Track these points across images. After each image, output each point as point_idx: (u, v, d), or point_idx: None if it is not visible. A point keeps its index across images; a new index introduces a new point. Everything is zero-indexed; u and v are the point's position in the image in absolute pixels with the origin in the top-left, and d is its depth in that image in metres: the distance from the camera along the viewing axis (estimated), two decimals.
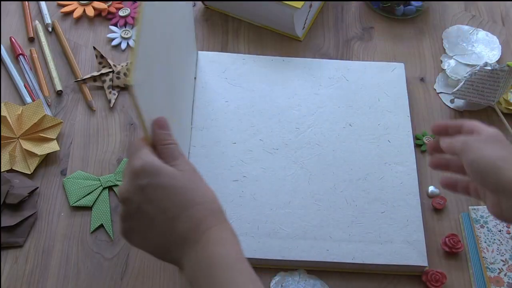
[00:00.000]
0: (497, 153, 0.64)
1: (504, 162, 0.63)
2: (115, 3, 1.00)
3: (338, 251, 0.76)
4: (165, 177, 0.56)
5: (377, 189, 0.81)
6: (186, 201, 0.56)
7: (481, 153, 0.65)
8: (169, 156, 0.59)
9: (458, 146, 0.67)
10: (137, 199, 0.56)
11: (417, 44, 1.00)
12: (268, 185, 0.81)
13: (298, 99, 0.89)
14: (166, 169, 0.57)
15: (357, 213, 0.79)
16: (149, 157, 0.57)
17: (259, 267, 0.76)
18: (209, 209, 0.57)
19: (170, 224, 0.56)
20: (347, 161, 0.84)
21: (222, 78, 0.90)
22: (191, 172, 0.59)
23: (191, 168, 0.59)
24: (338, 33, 1.00)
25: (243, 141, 0.84)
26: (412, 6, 1.02)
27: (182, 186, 0.57)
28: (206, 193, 0.58)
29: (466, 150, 0.66)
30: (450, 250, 0.78)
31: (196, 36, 0.95)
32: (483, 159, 0.64)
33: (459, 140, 0.67)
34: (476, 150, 0.65)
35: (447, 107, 0.92)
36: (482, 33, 1.01)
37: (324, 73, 0.92)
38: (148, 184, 0.56)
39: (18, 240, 0.76)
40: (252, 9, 0.97)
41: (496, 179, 0.63)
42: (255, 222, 0.78)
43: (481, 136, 0.67)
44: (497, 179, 0.63)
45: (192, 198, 0.57)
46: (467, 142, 0.67)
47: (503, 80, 0.87)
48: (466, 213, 0.81)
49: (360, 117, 0.88)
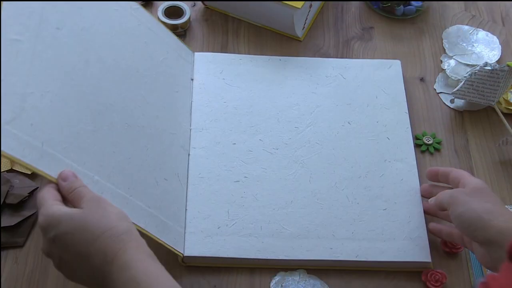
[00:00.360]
0: (482, 206, 0.67)
1: (490, 215, 0.66)
2: None
3: (342, 250, 0.76)
4: (66, 223, 0.59)
5: (378, 186, 0.81)
6: (89, 238, 0.59)
7: (468, 206, 0.68)
8: (76, 200, 0.62)
9: (445, 200, 0.72)
10: (55, 251, 0.61)
11: (417, 44, 1.00)
12: (270, 185, 0.81)
13: (296, 98, 0.89)
14: (65, 215, 0.60)
15: (359, 211, 0.79)
16: (49, 210, 0.60)
17: (259, 267, 0.76)
18: (110, 236, 0.59)
19: (87, 263, 0.59)
20: (347, 159, 0.84)
21: (220, 78, 0.90)
22: (93, 204, 0.61)
23: (94, 199, 0.62)
24: (338, 33, 1.00)
25: (243, 141, 0.84)
26: (412, 6, 1.02)
27: (82, 225, 0.59)
28: (107, 219, 0.61)
29: (453, 204, 0.70)
30: (450, 250, 0.78)
31: (193, 37, 0.96)
32: (469, 213, 0.68)
33: (446, 194, 0.72)
34: (462, 203, 0.69)
35: (447, 107, 0.92)
36: (482, 33, 1.01)
37: (321, 71, 0.92)
38: (55, 236, 0.59)
39: (18, 240, 0.76)
40: (252, 9, 0.97)
41: (483, 232, 0.66)
42: (258, 222, 0.78)
43: (466, 189, 0.71)
44: (484, 232, 0.66)
45: (92, 231, 0.59)
46: (453, 196, 0.71)
47: (503, 80, 0.87)
48: None
49: (359, 115, 0.88)
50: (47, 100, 0.65)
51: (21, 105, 0.62)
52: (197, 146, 0.83)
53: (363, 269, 0.77)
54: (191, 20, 0.99)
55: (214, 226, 0.77)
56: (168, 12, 0.98)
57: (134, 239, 0.61)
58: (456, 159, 0.87)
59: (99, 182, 0.67)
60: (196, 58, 0.92)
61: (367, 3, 1.04)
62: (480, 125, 0.91)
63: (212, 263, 0.75)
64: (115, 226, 0.60)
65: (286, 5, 0.92)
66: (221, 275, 0.75)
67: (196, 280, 0.75)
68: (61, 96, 0.66)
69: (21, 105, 0.62)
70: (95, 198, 0.63)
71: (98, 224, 0.60)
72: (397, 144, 0.85)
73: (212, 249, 0.75)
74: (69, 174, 0.64)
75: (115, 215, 0.61)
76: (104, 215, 0.61)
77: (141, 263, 0.59)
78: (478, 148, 0.88)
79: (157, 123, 0.79)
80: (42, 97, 0.64)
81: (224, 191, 0.80)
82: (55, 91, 0.66)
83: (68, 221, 0.60)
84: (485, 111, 0.92)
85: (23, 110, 0.62)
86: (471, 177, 0.73)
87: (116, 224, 0.60)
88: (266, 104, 0.88)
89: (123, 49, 0.78)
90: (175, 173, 0.78)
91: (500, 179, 0.86)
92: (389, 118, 0.88)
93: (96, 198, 0.63)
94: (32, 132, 0.62)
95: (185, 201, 0.78)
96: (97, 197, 0.63)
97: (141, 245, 0.61)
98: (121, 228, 0.60)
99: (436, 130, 0.90)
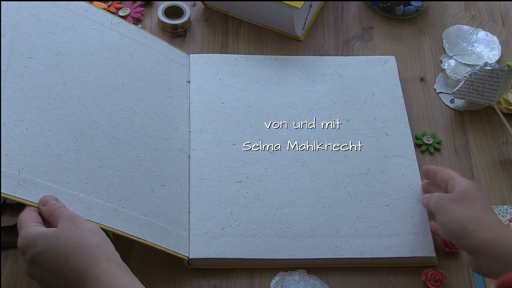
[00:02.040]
0: (467, 215, 0.68)
1: (474, 224, 0.67)
2: (115, 3, 1.00)
3: (347, 247, 0.76)
4: (41, 243, 0.62)
5: (380, 182, 0.81)
6: (62, 255, 0.61)
7: (451, 215, 0.69)
8: (54, 221, 0.65)
9: (432, 205, 0.73)
10: (36, 271, 0.63)
11: (417, 44, 1.00)
12: (272, 185, 0.81)
13: (293, 97, 0.89)
14: (40, 235, 0.62)
15: (362, 208, 0.79)
16: (26, 232, 0.63)
17: (259, 267, 0.76)
18: (81, 252, 0.61)
19: (64, 280, 0.61)
20: (347, 156, 0.84)
21: (216, 79, 0.90)
22: (66, 222, 0.64)
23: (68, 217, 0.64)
24: (338, 33, 1.00)
25: (243, 141, 0.84)
26: (412, 6, 1.02)
27: (55, 243, 0.61)
28: (79, 236, 0.62)
29: (438, 210, 0.71)
30: (450, 250, 0.78)
31: (193, 36, 0.96)
32: (453, 222, 0.68)
33: (433, 200, 0.73)
34: (446, 211, 0.70)
35: (447, 107, 0.92)
36: (482, 33, 1.01)
37: (317, 70, 0.92)
38: (33, 256, 0.62)
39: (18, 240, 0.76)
40: (252, 9, 0.97)
41: (467, 242, 0.67)
42: (261, 222, 0.78)
43: (453, 193, 0.71)
44: (468, 242, 0.67)
45: (65, 249, 0.61)
46: (438, 202, 0.71)
47: (503, 80, 0.87)
48: None
49: (357, 112, 0.88)
50: (22, 128, 0.69)
51: None
52: (197, 148, 0.83)
53: (366, 266, 0.77)
54: (191, 20, 0.99)
55: (218, 228, 0.77)
56: (168, 12, 0.98)
57: (106, 252, 0.62)
58: (456, 159, 0.87)
59: (85, 199, 0.69)
60: (192, 60, 0.92)
61: (367, 3, 1.04)
62: (480, 125, 0.91)
63: (218, 264, 0.75)
64: (86, 242, 0.62)
65: (286, 5, 0.92)
66: (221, 275, 0.75)
67: (196, 280, 0.75)
68: (37, 123, 0.70)
69: None
70: (70, 216, 0.64)
71: (69, 240, 0.61)
72: (396, 139, 0.86)
73: (218, 251, 0.75)
74: (48, 198, 0.66)
75: (88, 230, 0.63)
76: (76, 231, 0.62)
77: (113, 276, 0.60)
78: (478, 148, 0.88)
79: (149, 131, 0.80)
80: (15, 126, 0.68)
81: (227, 192, 0.80)
82: (31, 118, 0.70)
83: (42, 241, 0.62)
84: (485, 111, 0.92)
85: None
86: (459, 178, 0.73)
87: (87, 240, 0.62)
88: (264, 103, 0.88)
89: (105, 65, 0.81)
90: (174, 177, 0.79)
91: (500, 179, 0.86)
92: (387, 114, 0.88)
93: (71, 216, 0.65)
94: (7, 162, 0.66)
95: (188, 204, 0.78)
96: (72, 215, 0.65)
97: (113, 258, 0.62)
98: (92, 243, 0.62)
99: (436, 130, 0.90)
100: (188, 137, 0.84)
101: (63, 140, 0.71)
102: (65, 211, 0.65)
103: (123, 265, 0.62)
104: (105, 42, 0.83)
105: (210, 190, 0.79)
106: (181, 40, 0.97)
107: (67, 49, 0.78)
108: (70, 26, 0.81)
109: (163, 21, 0.97)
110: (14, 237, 0.76)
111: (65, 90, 0.75)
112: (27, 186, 0.66)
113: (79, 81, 0.77)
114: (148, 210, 0.73)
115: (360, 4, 1.04)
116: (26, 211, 0.66)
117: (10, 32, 0.74)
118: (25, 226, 0.64)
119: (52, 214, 0.65)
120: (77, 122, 0.74)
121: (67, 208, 0.66)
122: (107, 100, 0.78)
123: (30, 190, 0.66)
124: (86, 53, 0.80)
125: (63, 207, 0.66)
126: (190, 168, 0.81)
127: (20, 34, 0.75)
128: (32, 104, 0.71)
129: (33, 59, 0.74)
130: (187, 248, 0.74)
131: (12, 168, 0.66)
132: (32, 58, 0.74)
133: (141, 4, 1.00)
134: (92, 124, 0.75)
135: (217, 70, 0.91)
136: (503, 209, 0.81)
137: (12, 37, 0.74)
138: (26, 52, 0.74)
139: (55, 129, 0.71)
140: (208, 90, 0.89)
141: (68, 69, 0.77)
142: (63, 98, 0.74)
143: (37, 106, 0.71)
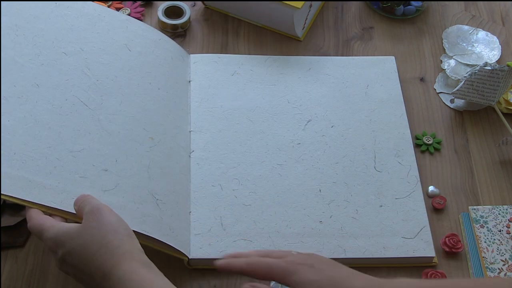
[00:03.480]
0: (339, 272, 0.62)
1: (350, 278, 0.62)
2: (115, 3, 1.00)
3: (349, 247, 0.76)
4: (68, 243, 0.62)
5: (379, 182, 0.82)
6: (88, 256, 0.61)
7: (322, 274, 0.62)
8: (80, 213, 0.65)
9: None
10: (69, 269, 0.64)
11: (417, 44, 1.00)
12: (272, 185, 0.81)
13: (293, 97, 0.89)
14: (66, 235, 0.62)
15: (362, 208, 0.79)
16: (51, 232, 0.63)
17: None
18: (104, 253, 0.61)
19: (92, 280, 0.61)
20: (347, 156, 0.84)
21: (216, 79, 0.90)
22: (89, 217, 0.63)
23: (91, 211, 0.63)
24: (338, 33, 1.00)
25: (243, 141, 0.84)
26: (412, 6, 1.02)
27: (81, 244, 0.61)
28: (102, 234, 0.62)
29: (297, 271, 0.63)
30: (450, 250, 0.78)
31: (193, 36, 0.96)
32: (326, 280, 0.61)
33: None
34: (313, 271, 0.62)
35: (447, 107, 0.92)
36: (482, 33, 1.01)
37: (317, 70, 0.93)
38: (63, 255, 0.62)
39: (18, 240, 0.76)
40: (252, 9, 0.97)
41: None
42: (263, 222, 0.78)
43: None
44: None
45: (89, 250, 0.61)
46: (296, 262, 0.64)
47: (503, 80, 0.87)
48: (466, 213, 0.81)
49: (356, 112, 0.88)
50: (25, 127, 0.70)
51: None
52: (197, 148, 0.83)
53: (366, 266, 0.77)
54: (191, 20, 0.99)
55: (219, 228, 0.77)
56: (168, 12, 0.98)
57: (128, 250, 0.61)
58: (456, 159, 0.87)
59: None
60: (192, 60, 0.92)
61: (367, 3, 1.04)
62: (480, 125, 0.91)
63: None
64: (108, 241, 0.61)
65: (286, 5, 0.92)
66: (221, 275, 0.75)
67: (196, 280, 0.75)
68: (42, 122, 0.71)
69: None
70: (92, 209, 0.64)
71: (93, 240, 0.61)
72: (395, 140, 0.86)
73: (218, 251, 0.75)
74: (79, 198, 0.67)
75: (110, 227, 0.62)
76: (99, 229, 0.62)
77: (136, 275, 0.59)
78: (478, 148, 0.88)
79: (159, 129, 0.80)
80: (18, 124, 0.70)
81: (227, 191, 0.80)
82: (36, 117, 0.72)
83: (69, 240, 0.62)
84: (485, 111, 0.92)
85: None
86: None
87: (109, 239, 0.61)
88: (264, 103, 0.88)
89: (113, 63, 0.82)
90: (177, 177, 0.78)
91: (500, 179, 0.86)
92: (387, 114, 0.88)
93: (93, 209, 0.64)
94: (7, 162, 0.67)
95: (188, 204, 0.78)
96: (94, 208, 0.64)
97: (135, 255, 0.61)
98: (115, 242, 0.61)
99: (436, 130, 0.90)
100: (189, 137, 0.84)
101: (67, 139, 0.72)
102: (88, 202, 0.65)
103: (147, 261, 0.62)
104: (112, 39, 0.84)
105: (210, 190, 0.79)
106: (181, 40, 0.97)
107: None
108: (75, 25, 0.81)
109: (163, 21, 0.97)
110: (14, 237, 0.76)
111: (68, 89, 0.75)
112: (26, 186, 0.66)
113: (83, 80, 0.77)
114: (152, 209, 0.73)
115: (360, 4, 1.04)
116: (33, 215, 0.65)
117: (13, 32, 0.75)
118: (46, 226, 0.64)
119: (79, 207, 0.65)
120: (81, 121, 0.74)
121: (92, 197, 0.66)
122: (113, 99, 0.78)
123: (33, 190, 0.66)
124: (92, 51, 0.81)
125: (87, 198, 0.66)
126: (191, 168, 0.81)
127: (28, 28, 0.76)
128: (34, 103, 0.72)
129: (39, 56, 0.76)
130: (188, 248, 0.74)
131: (12, 168, 0.66)
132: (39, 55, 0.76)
133: (141, 4, 1.00)
134: (96, 123, 0.75)
135: (217, 70, 0.91)
136: (503, 209, 0.81)
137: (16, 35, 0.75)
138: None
139: (58, 128, 0.72)
140: (208, 90, 0.89)
141: (74, 67, 0.77)
142: (66, 96, 0.75)
143: (40, 105, 0.72)
